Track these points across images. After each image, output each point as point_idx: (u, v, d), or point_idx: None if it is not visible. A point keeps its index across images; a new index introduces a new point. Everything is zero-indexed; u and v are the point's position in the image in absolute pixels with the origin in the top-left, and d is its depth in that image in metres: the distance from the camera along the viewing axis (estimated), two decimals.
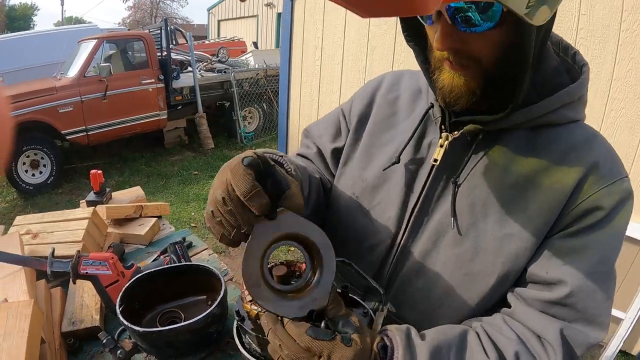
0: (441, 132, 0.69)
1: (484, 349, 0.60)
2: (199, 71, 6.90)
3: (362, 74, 3.40)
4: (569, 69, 0.66)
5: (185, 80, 6.42)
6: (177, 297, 1.01)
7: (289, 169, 0.67)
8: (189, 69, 6.66)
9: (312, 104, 3.98)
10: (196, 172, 5.63)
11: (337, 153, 0.88)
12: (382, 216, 0.77)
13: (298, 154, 0.94)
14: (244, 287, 0.59)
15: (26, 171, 4.92)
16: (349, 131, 0.86)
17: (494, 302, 0.68)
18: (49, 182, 5.05)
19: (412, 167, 0.73)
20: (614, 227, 0.60)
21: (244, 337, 0.67)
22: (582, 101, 0.65)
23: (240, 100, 6.73)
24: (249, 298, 0.60)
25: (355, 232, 0.81)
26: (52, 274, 0.99)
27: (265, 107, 7.18)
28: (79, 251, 1.03)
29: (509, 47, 0.55)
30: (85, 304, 1.04)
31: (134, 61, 6.01)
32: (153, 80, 5.83)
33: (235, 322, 0.70)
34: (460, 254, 0.67)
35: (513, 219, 0.63)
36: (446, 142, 0.67)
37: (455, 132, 0.67)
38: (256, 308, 0.58)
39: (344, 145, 0.86)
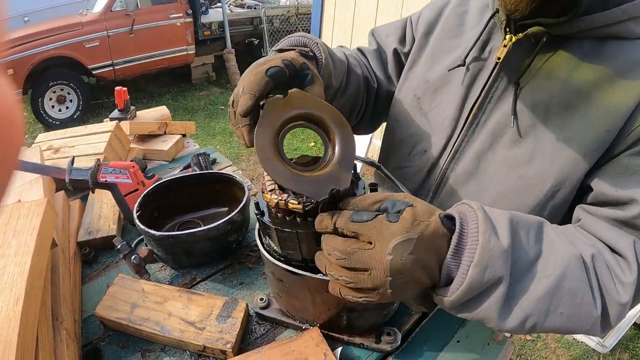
0: (505, 34, 0.67)
1: (564, 240, 0.55)
2: (229, 6, 6.75)
3: (398, 8, 3.15)
4: None
5: (214, 15, 6.29)
6: (198, 208, 0.96)
7: (320, 58, 0.67)
8: (218, 4, 6.49)
9: (346, 37, 3.77)
10: (223, 107, 5.60)
11: (397, 55, 0.90)
12: (439, 117, 0.77)
13: (358, 48, 0.95)
14: (263, 176, 0.56)
15: (52, 106, 5.01)
16: (413, 40, 0.88)
17: (547, 214, 0.66)
18: (75, 117, 5.12)
19: (474, 69, 0.73)
20: None
21: (264, 238, 0.62)
22: None
23: (270, 37, 6.60)
24: (269, 188, 0.53)
25: (411, 135, 0.82)
26: (70, 182, 0.95)
27: None
28: (98, 159, 0.99)
29: None
30: (103, 214, 1.02)
31: None
32: (181, 14, 5.71)
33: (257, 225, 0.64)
34: (517, 156, 0.66)
35: (574, 122, 0.62)
36: (510, 43, 0.66)
37: (520, 34, 0.64)
38: (277, 197, 0.51)
39: (408, 51, 0.88)
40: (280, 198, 0.50)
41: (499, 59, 0.67)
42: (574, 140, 0.61)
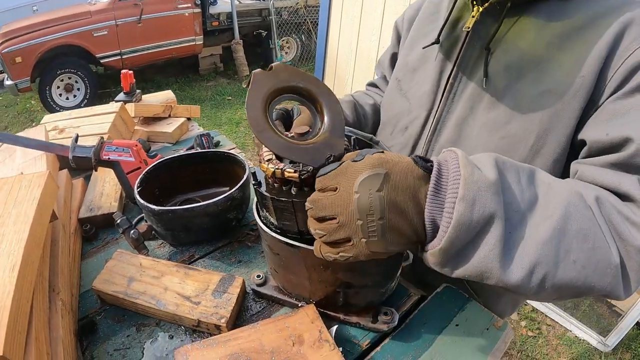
0: (472, 7, 0.71)
1: (560, 181, 0.52)
2: None
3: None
4: None
5: (222, 6, 6.32)
6: (199, 187, 0.97)
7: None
8: None
9: (353, 29, 3.75)
10: (229, 98, 5.63)
11: (394, 58, 0.97)
12: (418, 93, 0.81)
13: (370, 83, 1.07)
14: (261, 147, 0.56)
15: (60, 95, 5.08)
16: (402, 37, 0.94)
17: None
18: (82, 105, 5.16)
19: (448, 44, 0.76)
20: None
21: (261, 210, 0.62)
22: None
23: (279, 29, 6.59)
24: (266, 158, 0.54)
25: (392, 116, 0.87)
26: (73, 159, 0.96)
27: (303, 38, 7.02)
28: (102, 137, 1.00)
29: None
30: (105, 192, 1.02)
31: None
32: (189, 4, 5.73)
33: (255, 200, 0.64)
34: (497, 117, 0.68)
35: (548, 75, 0.63)
36: (477, 13, 0.69)
37: (485, 4, 0.68)
38: (273, 166, 0.51)
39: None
40: (277, 167, 0.51)
41: (468, 28, 0.70)
42: (550, 92, 0.63)
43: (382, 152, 0.46)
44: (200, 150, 0.96)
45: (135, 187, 0.84)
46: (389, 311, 0.65)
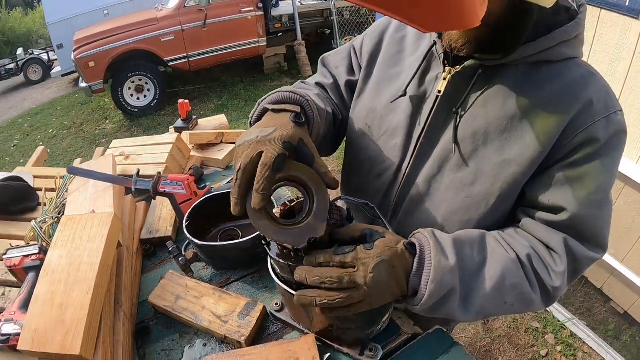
0: (444, 66, 0.79)
1: (502, 247, 0.73)
2: None
3: None
4: (568, 8, 0.72)
5: (284, 8, 6.68)
6: (240, 218, 1.17)
7: (311, 118, 0.77)
8: None
9: None
10: None
11: (350, 85, 1.01)
12: (389, 144, 0.89)
13: (317, 83, 1.05)
14: None
15: (131, 95, 5.68)
16: (360, 67, 0.99)
17: (493, 222, 0.81)
18: (152, 105, 5.78)
19: (417, 99, 0.84)
20: (609, 157, 0.71)
21: (270, 261, 0.80)
22: (579, 40, 0.73)
23: (341, 28, 6.81)
24: None
25: (367, 159, 0.94)
26: (135, 191, 1.22)
27: None
28: (159, 172, 1.25)
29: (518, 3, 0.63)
30: (162, 217, 1.28)
31: None
32: (252, 8, 6.10)
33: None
34: (463, 178, 0.78)
35: (511, 146, 0.73)
36: (449, 76, 0.77)
37: (457, 67, 0.76)
38: None
39: (357, 80, 0.98)
40: None
41: (439, 92, 0.79)
42: (512, 162, 0.73)
43: (383, 237, 0.66)
44: None
45: (184, 220, 1.07)
46: (374, 347, 0.81)
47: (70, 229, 0.96)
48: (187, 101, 1.76)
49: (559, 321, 2.33)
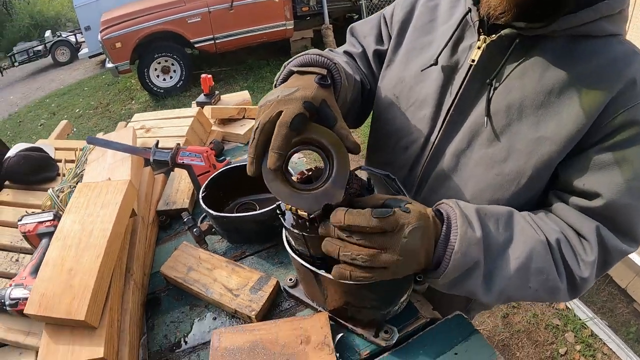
0: (479, 35, 0.74)
1: (532, 227, 0.68)
2: None
3: None
4: None
5: None
6: (258, 191, 1.15)
7: (338, 81, 0.73)
8: None
9: None
10: None
11: (379, 55, 0.97)
12: (417, 115, 0.84)
13: (345, 51, 1.02)
14: None
15: (157, 76, 5.73)
16: (390, 37, 0.94)
17: (523, 204, 0.75)
18: (178, 85, 5.82)
19: (448, 69, 0.79)
20: None
21: (285, 232, 0.76)
22: (622, 16, 0.68)
23: (369, 13, 6.67)
24: None
25: (394, 131, 0.89)
26: (154, 162, 1.20)
27: None
28: (178, 144, 1.22)
29: None
30: (180, 189, 1.25)
31: None
32: None
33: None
34: (494, 154, 0.73)
35: (547, 122, 0.68)
36: (484, 45, 0.72)
37: (493, 36, 0.71)
38: None
39: (386, 49, 0.94)
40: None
41: (473, 61, 0.73)
42: (547, 140, 0.68)
43: (414, 204, 0.61)
44: None
45: (200, 191, 1.04)
46: (390, 330, 0.76)
47: (85, 196, 0.94)
48: (210, 76, 1.74)
49: (579, 319, 2.25)
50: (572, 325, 2.23)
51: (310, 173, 0.68)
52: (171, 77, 5.79)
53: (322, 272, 0.67)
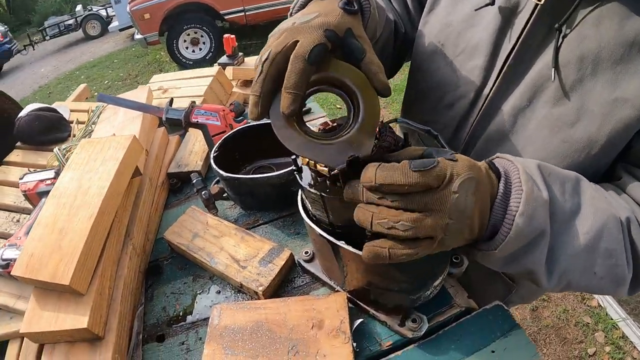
0: None
1: (604, 198, 0.55)
2: None
3: None
4: None
5: None
6: (277, 155, 1.03)
7: (367, 9, 0.61)
8: None
9: None
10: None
11: None
12: (466, 65, 0.71)
13: None
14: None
15: (186, 48, 5.66)
16: None
17: (590, 177, 0.61)
18: (207, 57, 5.75)
19: (507, 10, 0.65)
20: None
21: (301, 194, 0.64)
22: None
23: None
24: None
25: (436, 85, 0.77)
26: (167, 120, 1.10)
27: None
28: (193, 101, 1.11)
29: None
30: (194, 151, 1.15)
31: None
32: None
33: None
34: (561, 115, 0.60)
35: (627, 81, 0.55)
36: None
37: None
38: None
39: None
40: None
41: (538, 2, 0.59)
42: (626, 102, 0.55)
43: (459, 154, 0.47)
44: None
45: (212, 151, 0.93)
46: (418, 318, 0.64)
47: (86, 152, 0.85)
48: (232, 36, 1.62)
49: (611, 319, 2.08)
50: (603, 324, 2.08)
51: (335, 124, 0.55)
52: (200, 49, 5.72)
53: (342, 244, 0.55)
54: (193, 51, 5.70)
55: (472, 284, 0.75)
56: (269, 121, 0.48)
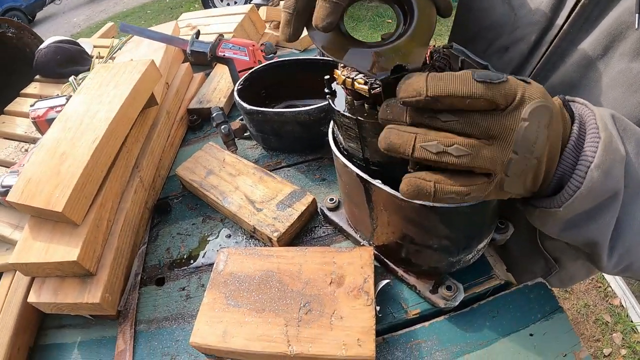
0: None
1: None
2: None
3: None
4: None
5: None
6: (308, 95, 0.91)
7: None
8: None
9: None
10: (390, 21, 5.35)
11: None
12: (529, 4, 0.58)
13: None
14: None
15: (221, 1, 5.40)
16: None
17: None
18: None
19: None
20: None
21: (332, 123, 0.53)
22: None
23: None
24: (342, 64, 0.43)
25: (489, 25, 0.64)
26: (191, 53, 0.99)
27: None
28: (221, 34, 1.00)
29: None
30: (219, 88, 1.05)
31: None
32: None
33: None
34: None
35: None
36: None
37: None
38: (347, 74, 0.41)
39: None
40: (348, 75, 0.41)
41: None
42: None
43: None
44: (314, 57, 0.90)
45: (237, 84, 0.82)
46: (453, 286, 0.53)
47: (100, 76, 0.76)
48: None
49: (631, 321, 1.92)
50: (622, 325, 1.92)
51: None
52: (235, 2, 5.50)
53: (376, 183, 0.44)
54: (228, 4, 5.49)
55: (511, 259, 0.65)
56: (303, 57, 0.38)
